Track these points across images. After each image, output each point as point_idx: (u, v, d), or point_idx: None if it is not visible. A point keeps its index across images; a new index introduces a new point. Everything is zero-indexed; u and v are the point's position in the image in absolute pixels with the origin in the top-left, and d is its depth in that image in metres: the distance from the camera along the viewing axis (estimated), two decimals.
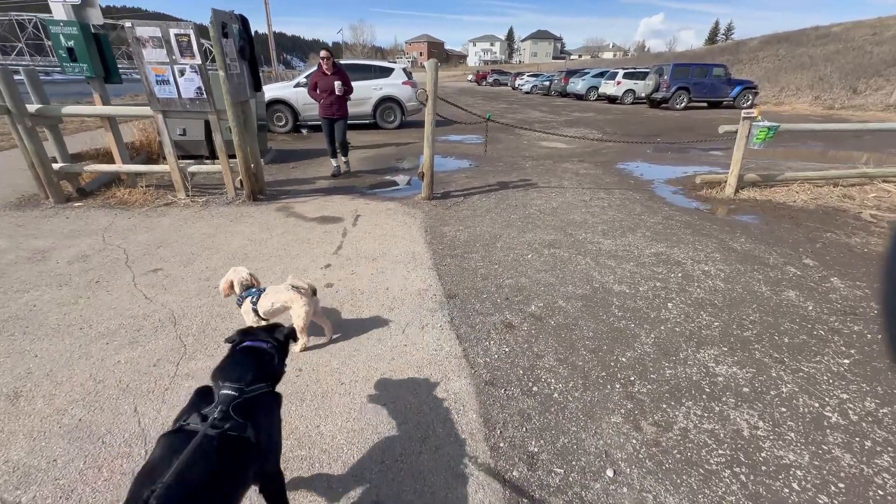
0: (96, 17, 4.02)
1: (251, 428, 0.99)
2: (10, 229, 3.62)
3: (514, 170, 6.18)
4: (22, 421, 1.67)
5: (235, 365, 1.16)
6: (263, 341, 1.27)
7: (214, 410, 0.97)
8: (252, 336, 1.29)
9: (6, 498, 1.38)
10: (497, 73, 41.84)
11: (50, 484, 1.43)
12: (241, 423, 0.97)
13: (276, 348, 1.28)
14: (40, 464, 1.50)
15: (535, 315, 2.51)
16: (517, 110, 15.73)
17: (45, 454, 1.53)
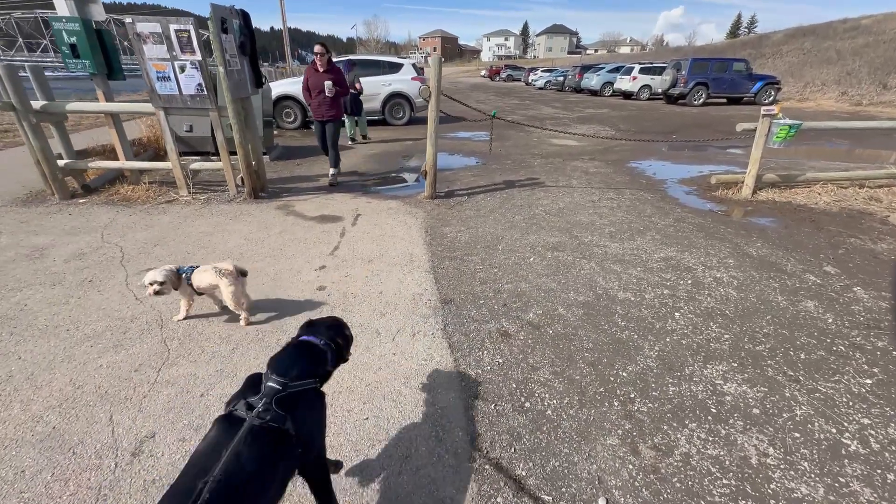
0: (98, 12, 4.01)
1: (291, 421, 1.02)
2: (13, 225, 3.64)
3: (522, 168, 6.03)
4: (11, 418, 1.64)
5: (286, 358, 1.19)
6: (320, 338, 1.31)
7: (259, 402, 1.01)
8: (312, 330, 1.35)
9: None
10: (511, 69, 41.35)
11: (14, 497, 1.38)
12: (282, 415, 1.01)
13: (332, 348, 1.32)
14: (7, 475, 1.45)
15: (533, 323, 2.39)
16: (529, 106, 15.47)
17: (14, 464, 1.49)
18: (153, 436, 1.62)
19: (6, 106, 3.82)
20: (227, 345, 2.15)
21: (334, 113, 4.86)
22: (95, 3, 3.97)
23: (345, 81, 4.82)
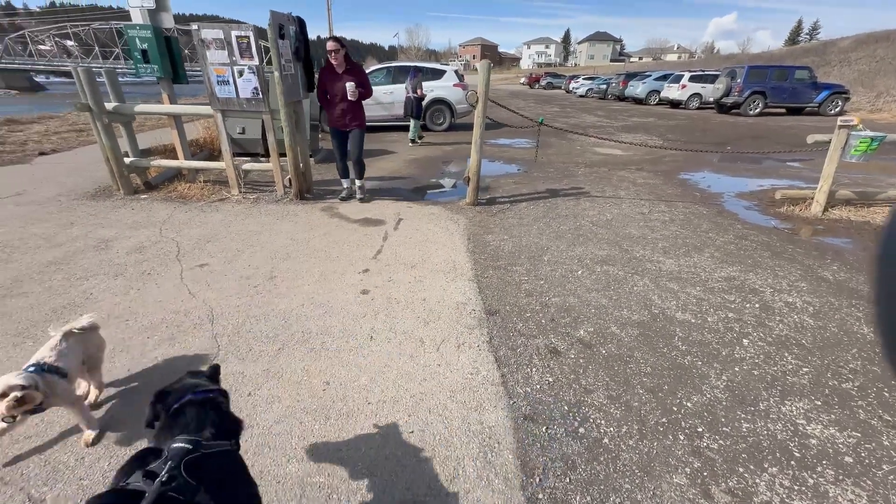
0: (168, 20, 4.25)
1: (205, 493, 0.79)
2: (84, 218, 3.90)
3: (566, 177, 5.85)
4: (60, 412, 1.70)
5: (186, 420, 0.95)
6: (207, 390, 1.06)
7: (163, 467, 0.78)
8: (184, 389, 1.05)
9: (33, 494, 1.38)
10: (551, 76, 40.87)
11: (74, 483, 1.42)
12: (194, 485, 0.77)
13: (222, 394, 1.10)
14: (69, 461, 1.50)
15: (584, 341, 2.26)
16: (570, 114, 15.15)
17: (75, 451, 1.54)
18: None
19: (84, 107, 4.12)
20: (274, 345, 2.16)
21: (358, 121, 4.16)
22: (166, 12, 4.22)
23: (368, 82, 4.10)
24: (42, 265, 2.95)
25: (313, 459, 1.53)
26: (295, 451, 1.56)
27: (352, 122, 4.15)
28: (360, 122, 4.19)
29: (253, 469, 1.46)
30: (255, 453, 1.54)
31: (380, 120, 9.55)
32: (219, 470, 0.88)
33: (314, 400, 1.80)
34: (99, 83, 4.22)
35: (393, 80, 9.38)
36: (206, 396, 1.03)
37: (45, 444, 1.57)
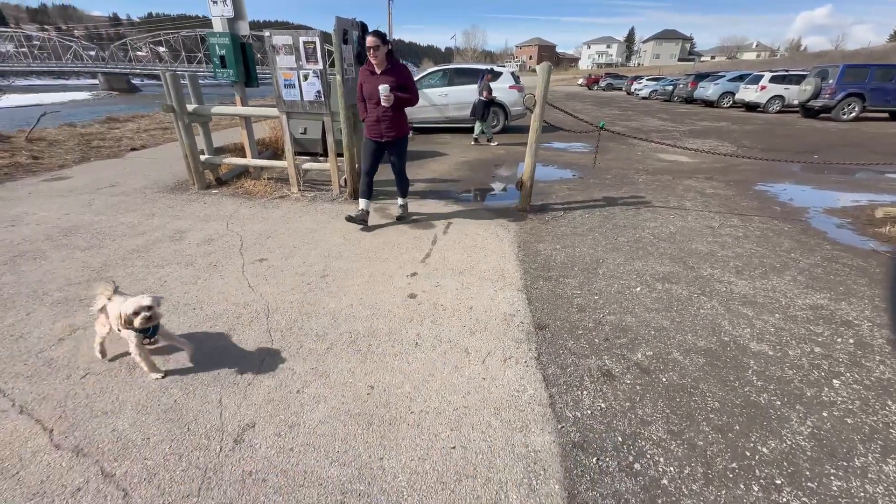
0: (244, 28, 4.55)
1: None
2: (163, 210, 4.27)
3: (625, 184, 5.54)
4: (133, 392, 1.85)
5: None
6: None
7: None
8: None
9: (105, 467, 1.50)
10: (611, 77, 39.22)
11: (140, 462, 1.52)
12: None
13: None
14: (137, 439, 1.62)
15: (642, 366, 2.09)
16: (631, 117, 14.40)
17: (143, 430, 1.65)
18: (254, 425, 1.69)
19: (168, 108, 4.52)
20: (323, 343, 2.21)
21: (397, 130, 3.52)
22: (242, 20, 4.52)
23: (413, 85, 3.47)
24: (126, 252, 3.26)
25: (355, 465, 1.53)
26: (338, 453, 1.57)
27: (388, 131, 3.49)
28: (399, 131, 3.57)
29: (296, 470, 1.50)
30: (301, 452, 1.57)
31: (433, 122, 9.64)
32: None
33: (358, 403, 1.81)
34: (182, 86, 4.61)
35: (448, 82, 9.42)
36: None
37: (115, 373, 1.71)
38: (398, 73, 3.37)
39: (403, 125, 3.60)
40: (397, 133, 3.55)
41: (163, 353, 2.09)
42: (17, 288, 2.69)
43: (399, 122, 3.54)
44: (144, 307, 1.72)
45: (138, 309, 1.71)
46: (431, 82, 9.52)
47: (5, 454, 1.54)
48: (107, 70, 50.44)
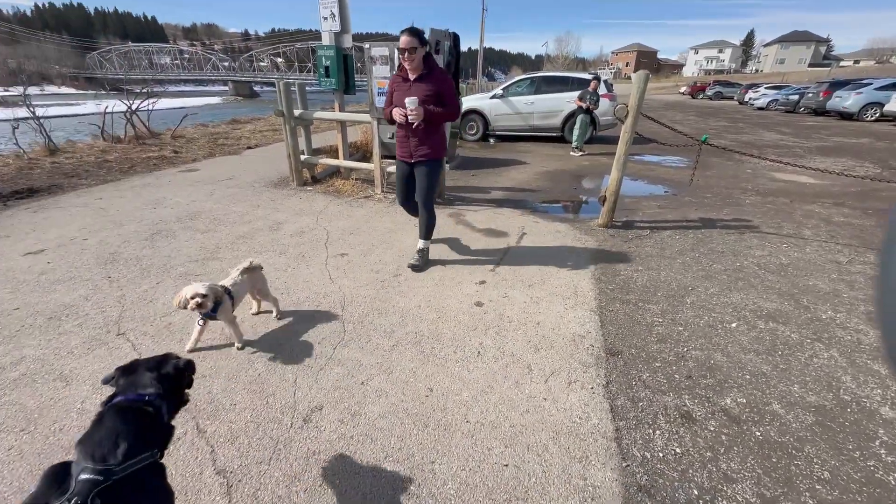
0: (348, 41, 4.96)
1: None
2: (266, 202, 4.81)
3: (727, 205, 4.94)
4: (227, 361, 2.10)
5: (104, 435, 0.89)
6: (144, 390, 1.02)
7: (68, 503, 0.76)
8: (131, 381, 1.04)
9: (199, 424, 1.72)
10: (721, 85, 35.32)
11: (225, 425, 1.72)
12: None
13: (164, 395, 1.04)
14: (226, 403, 1.83)
15: (731, 413, 1.84)
16: (742, 130, 12.82)
17: (230, 398, 1.87)
18: (321, 408, 1.82)
19: (279, 112, 5.09)
20: (390, 340, 2.31)
21: (430, 150, 2.89)
22: (347, 34, 4.93)
23: (453, 96, 2.85)
24: (235, 237, 3.73)
25: (408, 464, 1.56)
26: (393, 449, 1.62)
27: (417, 149, 2.88)
28: (432, 152, 2.89)
29: (354, 457, 1.58)
30: (360, 442, 1.65)
31: (516, 130, 9.56)
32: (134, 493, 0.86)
33: (416, 403, 1.85)
34: (292, 92, 5.16)
35: (536, 90, 9.27)
36: (134, 402, 1.00)
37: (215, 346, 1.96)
38: (437, 82, 2.75)
39: (439, 145, 2.92)
40: (430, 153, 2.89)
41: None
42: (152, 260, 3.22)
43: (434, 141, 2.88)
44: (199, 294, 1.94)
45: (194, 294, 1.93)
46: (518, 90, 9.45)
47: None
48: (235, 78, 58.52)
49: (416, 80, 2.74)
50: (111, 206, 4.47)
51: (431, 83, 2.74)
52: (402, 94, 2.75)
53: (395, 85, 2.85)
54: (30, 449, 1.59)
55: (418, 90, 2.71)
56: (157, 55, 69.42)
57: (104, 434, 0.90)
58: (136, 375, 1.07)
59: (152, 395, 1.03)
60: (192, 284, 1.98)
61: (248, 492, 1.45)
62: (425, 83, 2.73)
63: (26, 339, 2.25)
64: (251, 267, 2.32)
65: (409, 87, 2.75)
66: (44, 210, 4.33)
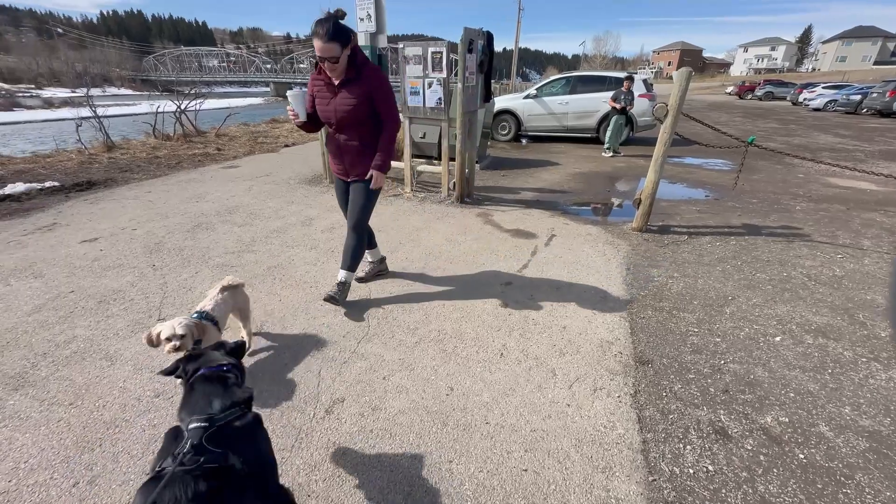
0: (383, 41, 5.03)
1: (233, 455, 0.94)
2: (300, 199, 4.96)
3: (775, 211, 4.64)
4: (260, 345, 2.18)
5: (199, 397, 1.08)
6: (218, 365, 1.19)
7: (185, 446, 0.92)
8: (203, 361, 1.20)
9: None
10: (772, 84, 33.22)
11: None
12: (219, 452, 0.93)
13: (234, 367, 1.22)
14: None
15: (772, 433, 1.72)
16: (794, 132, 12.01)
17: (257, 385, 1.93)
18: (343, 401, 1.85)
19: None
20: (413, 337, 2.32)
21: (364, 169, 2.37)
22: (382, 34, 5.00)
23: (392, 102, 2.33)
24: (269, 231, 3.86)
25: (425, 461, 1.56)
26: (411, 445, 1.63)
27: (353, 167, 2.40)
28: (365, 170, 2.36)
29: (372, 451, 1.59)
30: (379, 436, 1.67)
31: (549, 131, 9.39)
32: (236, 433, 1.02)
33: (436, 401, 1.85)
34: None
35: (571, 90, 9.07)
36: (216, 371, 1.17)
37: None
38: (369, 84, 2.19)
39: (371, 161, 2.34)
40: (365, 171, 2.36)
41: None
42: (192, 251, 3.39)
43: (369, 158, 2.34)
44: (176, 335, 1.60)
45: (170, 335, 1.59)
46: (552, 90, 9.28)
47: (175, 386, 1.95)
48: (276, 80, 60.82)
49: (342, 86, 2.19)
50: (158, 200, 4.75)
51: (360, 86, 2.18)
52: (325, 100, 2.23)
53: (317, 89, 2.25)
54: (77, 422, 1.71)
55: (343, 98, 2.19)
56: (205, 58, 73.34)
57: (199, 396, 1.08)
58: (206, 356, 1.23)
59: (227, 365, 1.20)
60: (167, 322, 1.64)
61: None
62: (352, 87, 2.18)
63: (78, 319, 2.42)
64: (231, 285, 2.00)
65: (335, 94, 2.21)
66: (100, 201, 4.66)
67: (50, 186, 5.04)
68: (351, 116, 2.22)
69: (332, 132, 2.36)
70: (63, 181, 5.33)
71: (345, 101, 2.20)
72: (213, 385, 1.12)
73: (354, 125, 2.27)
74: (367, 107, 2.22)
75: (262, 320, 2.44)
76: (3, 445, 1.59)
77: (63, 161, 6.50)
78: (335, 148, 2.41)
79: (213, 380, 1.14)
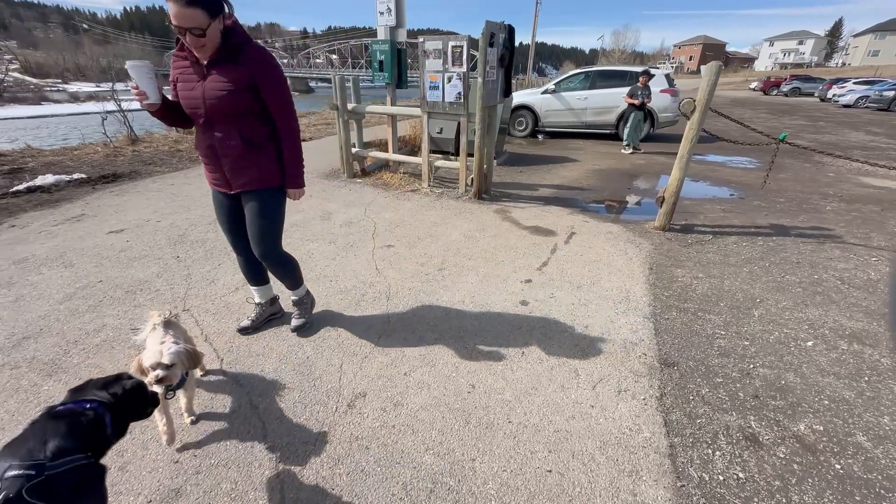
0: (402, 35, 5.01)
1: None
2: (319, 192, 4.99)
3: (804, 211, 4.48)
4: (279, 343, 2.20)
5: (36, 434, 0.90)
6: (87, 400, 1.03)
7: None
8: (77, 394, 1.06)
9: (252, 400, 1.81)
10: (799, 80, 32.05)
11: (277, 403, 1.80)
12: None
13: (109, 406, 1.05)
14: (281, 381, 1.91)
15: (805, 441, 1.66)
16: (824, 129, 11.58)
17: (282, 375, 1.95)
18: (365, 395, 1.85)
19: (334, 106, 5.25)
20: (433, 333, 2.31)
21: (252, 175, 1.84)
22: (402, 28, 4.98)
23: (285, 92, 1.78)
24: (289, 224, 3.84)
25: (448, 459, 1.55)
26: (433, 443, 1.62)
27: (235, 175, 1.83)
28: (260, 175, 1.85)
29: (395, 446, 1.59)
30: (401, 431, 1.67)
31: (569, 126, 9.24)
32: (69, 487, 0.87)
33: (458, 399, 1.84)
34: (346, 87, 5.30)
35: (591, 85, 8.90)
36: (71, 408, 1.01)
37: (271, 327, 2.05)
38: (251, 69, 1.67)
39: (270, 164, 1.85)
40: (257, 179, 1.85)
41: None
42: (215, 244, 3.44)
43: (261, 158, 1.82)
44: (162, 365, 1.39)
45: (154, 364, 1.39)
46: (570, 85, 9.13)
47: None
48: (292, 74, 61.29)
49: (213, 66, 1.64)
50: (181, 192, 4.84)
51: (238, 70, 1.65)
52: (191, 85, 1.69)
53: (179, 71, 1.71)
54: None
55: (215, 82, 1.64)
56: None
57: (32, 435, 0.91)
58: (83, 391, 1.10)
59: (94, 402, 1.04)
60: (152, 349, 1.44)
61: (294, 470, 1.50)
62: (227, 70, 1.64)
63: (107, 308, 2.48)
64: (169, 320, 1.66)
65: (203, 77, 1.66)
66: (125, 193, 4.77)
67: (77, 178, 5.18)
68: (225, 106, 1.67)
69: (201, 128, 1.77)
70: (90, 173, 5.47)
71: (216, 86, 1.64)
72: (58, 423, 0.94)
73: (231, 118, 1.71)
74: (247, 96, 1.68)
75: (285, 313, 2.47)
76: None
77: (89, 154, 6.68)
78: (207, 149, 1.79)
79: (62, 417, 0.96)
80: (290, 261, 2.15)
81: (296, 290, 2.26)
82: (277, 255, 2.05)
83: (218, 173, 1.84)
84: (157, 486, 1.43)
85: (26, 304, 2.51)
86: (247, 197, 1.89)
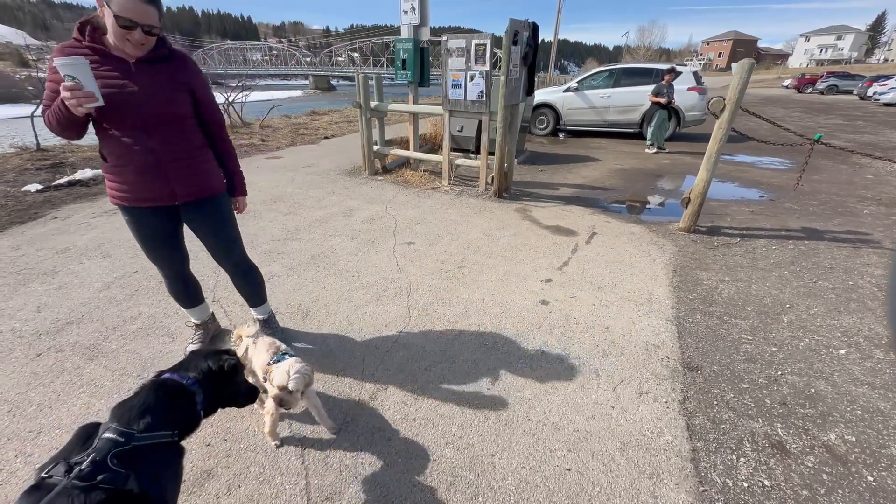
0: (425, 34, 5.04)
1: (135, 480, 0.83)
2: (341, 189, 5.08)
3: (839, 215, 4.31)
4: (300, 337, 2.27)
5: (137, 403, 0.97)
6: (187, 376, 1.09)
7: (85, 459, 0.81)
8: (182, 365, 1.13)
9: None
10: (836, 77, 30.59)
11: None
12: (122, 473, 0.82)
13: (203, 387, 1.09)
14: None
15: (835, 451, 1.61)
16: (862, 129, 11.05)
17: None
18: (386, 388, 1.89)
19: (357, 104, 5.32)
20: (453, 330, 2.33)
21: (203, 180, 1.72)
22: (425, 27, 5.01)
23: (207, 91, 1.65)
24: (311, 221, 3.99)
25: (467, 453, 1.58)
26: (454, 437, 1.65)
27: (188, 181, 1.67)
28: (215, 182, 1.78)
29: (416, 439, 1.62)
30: (421, 425, 1.70)
31: (591, 125, 9.10)
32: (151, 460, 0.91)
33: (477, 395, 1.86)
34: (369, 85, 5.37)
35: (615, 83, 8.74)
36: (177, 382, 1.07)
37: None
38: (187, 70, 1.58)
39: (214, 170, 1.77)
40: (207, 186, 1.74)
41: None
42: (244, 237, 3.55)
43: (206, 166, 1.72)
44: (285, 389, 1.38)
45: (281, 385, 1.39)
46: (593, 83, 8.98)
47: None
48: (315, 73, 62.30)
49: (144, 65, 1.46)
50: None
51: (178, 71, 1.54)
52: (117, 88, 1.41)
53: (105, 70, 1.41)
54: None
55: (155, 83, 1.48)
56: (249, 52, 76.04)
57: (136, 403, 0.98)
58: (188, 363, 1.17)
59: (192, 380, 1.10)
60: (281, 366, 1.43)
61: (319, 457, 1.55)
62: (166, 69, 1.51)
63: (142, 297, 2.60)
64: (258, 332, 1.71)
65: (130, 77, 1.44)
66: None
67: None
68: (172, 108, 1.53)
69: (128, 134, 1.49)
70: None
71: (159, 88, 1.48)
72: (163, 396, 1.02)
73: (174, 121, 1.55)
74: (188, 98, 1.58)
75: (308, 306, 2.54)
76: (83, 409, 1.75)
77: None
78: (143, 157, 1.52)
79: (169, 390, 1.04)
80: (256, 272, 2.09)
81: (261, 306, 2.12)
82: (249, 261, 2.05)
83: (157, 184, 1.59)
84: (190, 467, 1.50)
85: (68, 291, 2.66)
86: (198, 206, 1.74)
